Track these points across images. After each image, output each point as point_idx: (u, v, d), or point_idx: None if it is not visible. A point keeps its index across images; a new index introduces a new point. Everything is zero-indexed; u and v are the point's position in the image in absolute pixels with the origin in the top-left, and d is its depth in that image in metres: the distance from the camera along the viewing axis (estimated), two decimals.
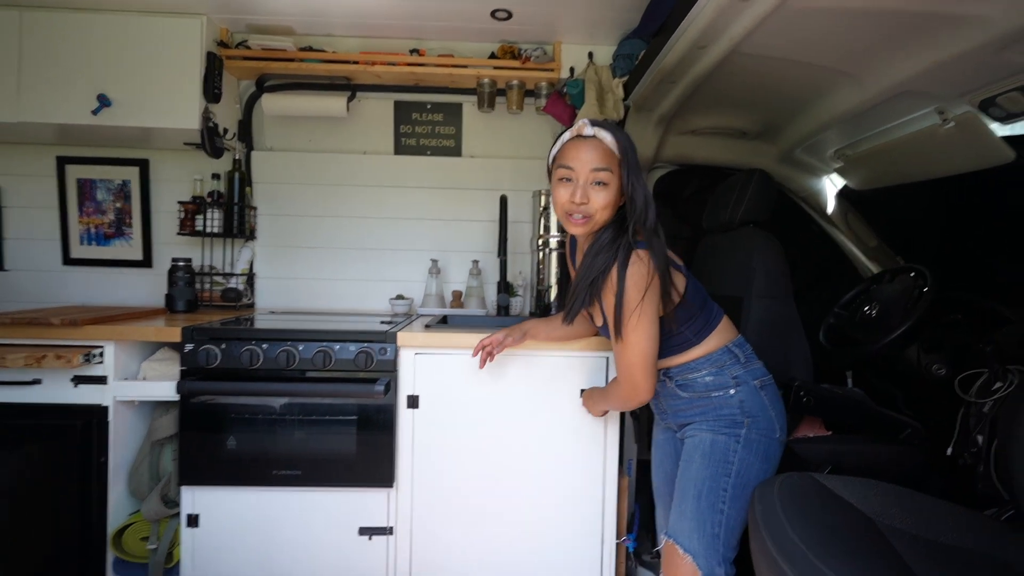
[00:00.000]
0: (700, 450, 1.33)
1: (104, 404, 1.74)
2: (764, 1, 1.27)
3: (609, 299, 1.26)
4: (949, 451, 1.68)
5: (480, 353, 1.60)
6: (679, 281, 1.33)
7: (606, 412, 1.69)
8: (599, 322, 1.43)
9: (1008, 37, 1.24)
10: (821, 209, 2.45)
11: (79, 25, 2.05)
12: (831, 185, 2.41)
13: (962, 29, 1.29)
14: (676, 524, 1.32)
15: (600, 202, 1.29)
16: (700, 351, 1.35)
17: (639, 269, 1.23)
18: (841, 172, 2.27)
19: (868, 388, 2.00)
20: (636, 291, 1.22)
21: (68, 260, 2.46)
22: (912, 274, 1.90)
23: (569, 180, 1.31)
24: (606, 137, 1.29)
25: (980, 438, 1.60)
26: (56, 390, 1.73)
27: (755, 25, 1.37)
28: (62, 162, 2.41)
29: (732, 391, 1.33)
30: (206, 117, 2.14)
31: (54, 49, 2.04)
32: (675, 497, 1.35)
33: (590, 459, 1.78)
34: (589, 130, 1.30)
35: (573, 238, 1.56)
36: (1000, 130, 1.56)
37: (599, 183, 1.29)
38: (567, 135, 1.33)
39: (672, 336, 1.34)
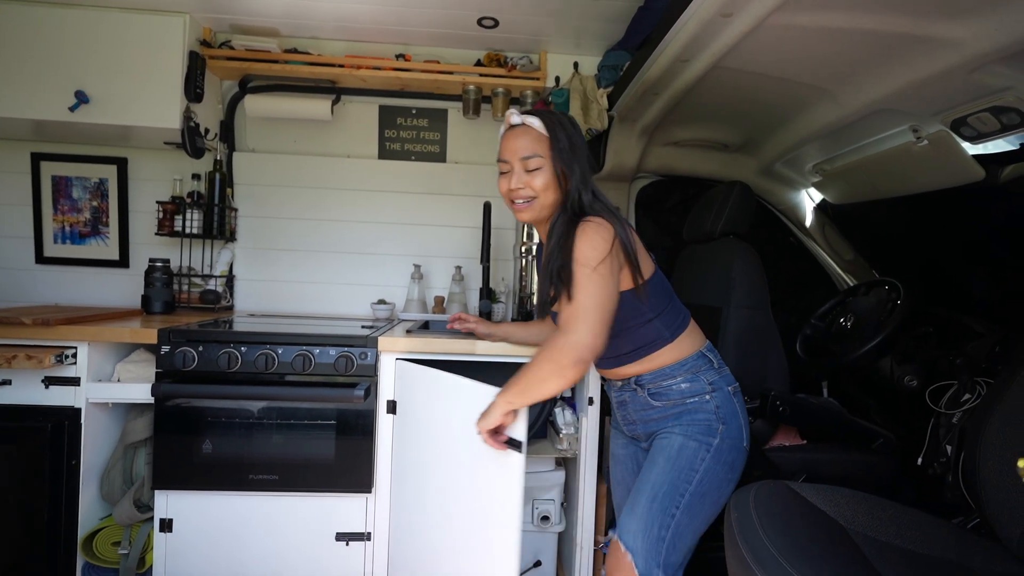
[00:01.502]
0: (665, 453, 1.29)
1: (76, 406, 1.70)
2: (746, 18, 1.30)
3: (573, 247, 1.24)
4: (919, 461, 1.72)
5: (456, 323, 1.76)
6: (645, 260, 1.32)
7: (499, 431, 1.30)
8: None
9: (978, 59, 1.28)
10: (799, 222, 2.50)
11: (57, 19, 2.01)
12: (809, 199, 2.46)
13: (936, 50, 1.34)
14: (624, 522, 1.27)
15: (538, 184, 1.31)
16: (674, 354, 1.33)
17: (593, 229, 1.22)
18: (819, 186, 2.32)
19: (843, 398, 2.04)
20: (589, 248, 1.20)
21: (41, 258, 2.41)
22: (886, 287, 1.95)
23: (506, 172, 1.35)
24: (534, 122, 1.32)
25: (949, 448, 1.64)
26: (26, 391, 1.69)
27: (737, 41, 1.40)
28: (37, 159, 2.36)
29: (708, 397, 1.30)
30: (187, 117, 2.11)
31: (30, 43, 2.00)
32: (631, 494, 1.31)
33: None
34: (516, 119, 1.35)
35: (540, 246, 1.56)
36: (971, 149, 1.60)
37: (532, 170, 1.31)
38: (501, 129, 1.39)
39: (643, 325, 1.31)
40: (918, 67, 1.41)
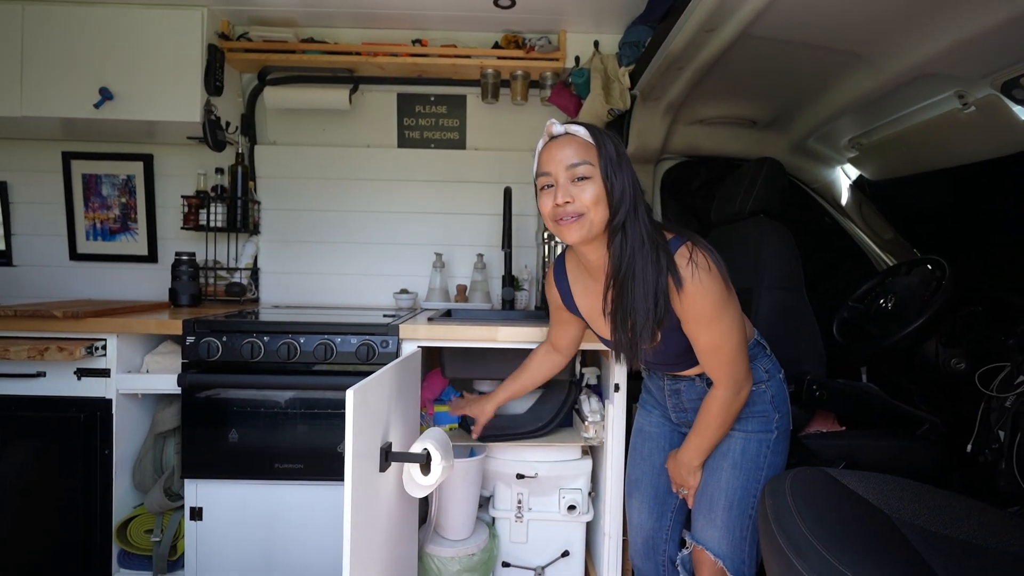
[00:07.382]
0: (730, 459, 1.30)
1: (108, 397, 1.73)
2: None
3: (688, 307, 1.16)
4: (969, 447, 1.63)
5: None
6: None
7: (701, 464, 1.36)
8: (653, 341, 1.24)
9: None
10: (834, 201, 2.39)
11: (80, 18, 2.04)
12: (845, 176, 2.35)
13: (983, 5, 1.24)
14: (705, 532, 1.31)
15: (587, 197, 1.15)
16: None
17: (700, 273, 1.14)
18: (855, 162, 2.21)
19: (883, 383, 1.94)
20: (706, 298, 1.14)
21: (75, 255, 2.47)
22: (930, 266, 1.85)
23: (550, 186, 1.19)
24: (578, 131, 1.19)
25: (1002, 434, 1.54)
26: (60, 383, 1.72)
27: (765, 6, 1.33)
28: (68, 157, 2.42)
29: (764, 387, 1.30)
30: (208, 110, 2.12)
31: (56, 42, 2.04)
32: (702, 503, 1.33)
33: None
34: (558, 128, 1.21)
35: (559, 267, 1.42)
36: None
37: (580, 178, 1.16)
38: (540, 143, 1.24)
39: None
40: (964, 25, 1.31)
